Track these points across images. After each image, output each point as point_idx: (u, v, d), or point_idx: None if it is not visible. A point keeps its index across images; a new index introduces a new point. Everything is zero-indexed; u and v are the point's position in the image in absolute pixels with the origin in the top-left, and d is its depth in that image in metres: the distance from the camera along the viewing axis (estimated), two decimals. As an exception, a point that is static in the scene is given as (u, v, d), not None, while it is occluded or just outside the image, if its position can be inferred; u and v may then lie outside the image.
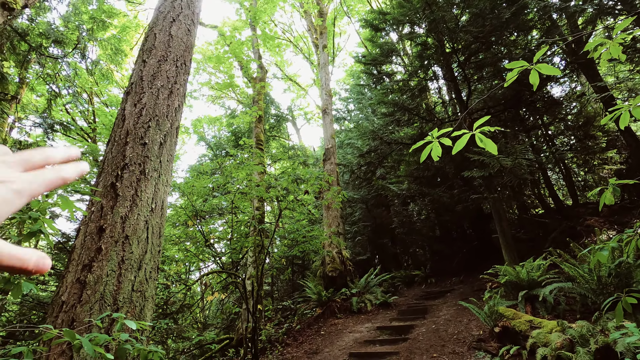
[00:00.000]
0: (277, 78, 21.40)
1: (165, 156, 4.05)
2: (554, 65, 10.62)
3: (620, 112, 2.02)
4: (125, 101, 4.14)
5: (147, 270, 3.44)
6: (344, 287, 9.74)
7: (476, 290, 8.45)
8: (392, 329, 7.07)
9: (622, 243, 1.78)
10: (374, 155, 12.19)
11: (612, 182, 1.69)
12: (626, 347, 3.16)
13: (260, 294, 7.16)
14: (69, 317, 2.85)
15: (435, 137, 1.55)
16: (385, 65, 13.65)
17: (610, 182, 1.71)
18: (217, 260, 7.68)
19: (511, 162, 7.11)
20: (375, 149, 11.92)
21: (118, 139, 3.80)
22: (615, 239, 1.83)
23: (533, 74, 1.47)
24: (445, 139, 1.55)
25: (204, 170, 12.18)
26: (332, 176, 10.58)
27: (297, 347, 7.10)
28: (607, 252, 1.66)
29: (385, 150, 11.68)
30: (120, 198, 3.43)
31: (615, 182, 1.69)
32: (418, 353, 5.47)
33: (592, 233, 7.35)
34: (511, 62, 1.55)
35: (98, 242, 3.18)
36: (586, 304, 4.95)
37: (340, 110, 19.28)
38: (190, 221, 7.46)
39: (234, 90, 18.36)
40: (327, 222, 11.14)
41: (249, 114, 11.64)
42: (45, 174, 0.36)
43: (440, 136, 1.54)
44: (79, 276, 3.01)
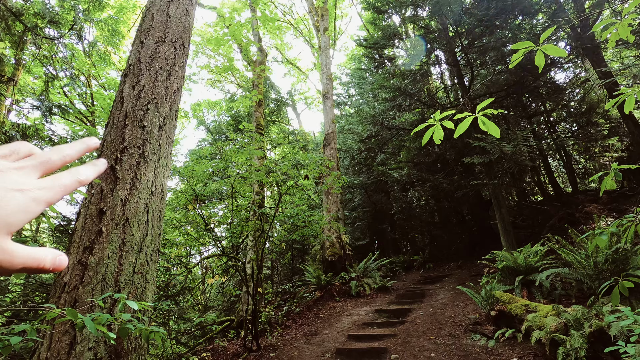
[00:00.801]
0: (277, 62, 21.10)
1: (165, 139, 4.02)
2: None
3: (626, 96, 1.99)
4: (123, 83, 4.09)
5: (148, 252, 3.46)
6: (343, 271, 9.85)
7: (474, 275, 8.56)
8: (390, 312, 7.19)
9: (622, 228, 1.79)
10: (374, 141, 12.13)
11: (615, 166, 1.68)
12: (620, 331, 3.21)
13: (260, 277, 7.25)
14: (72, 297, 2.89)
15: (437, 119, 1.53)
16: (387, 49, 13.44)
17: (612, 167, 1.70)
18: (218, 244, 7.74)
19: (512, 148, 7.08)
20: (376, 135, 11.85)
21: (116, 121, 3.77)
22: (614, 224, 1.83)
23: (539, 55, 1.43)
24: (448, 122, 1.53)
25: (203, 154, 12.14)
26: (332, 161, 10.56)
27: (297, 329, 7.23)
28: (606, 236, 1.67)
29: (386, 135, 11.62)
30: (120, 181, 3.42)
31: (618, 166, 1.68)
32: (415, 335, 5.58)
33: (590, 220, 7.38)
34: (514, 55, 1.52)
35: (99, 224, 3.19)
36: (582, 289, 5.02)
37: (341, 95, 19.08)
38: (191, 205, 7.49)
39: (234, 74, 18.12)
40: (327, 207, 11.18)
41: (248, 97, 11.52)
42: (62, 178, 0.36)
43: (443, 119, 1.52)
44: (81, 258, 3.04)
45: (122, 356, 2.90)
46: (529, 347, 4.22)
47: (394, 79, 11.21)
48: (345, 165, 15.10)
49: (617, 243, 4.70)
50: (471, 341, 4.94)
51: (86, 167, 0.39)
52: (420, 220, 14.11)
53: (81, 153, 0.40)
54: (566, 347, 3.58)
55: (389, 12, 11.86)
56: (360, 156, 13.53)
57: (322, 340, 6.25)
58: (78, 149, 0.40)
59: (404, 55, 13.75)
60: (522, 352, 4.24)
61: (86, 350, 2.71)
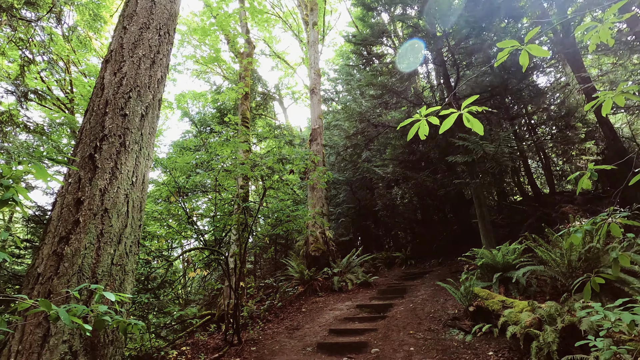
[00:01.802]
0: (264, 55, 20.86)
1: (147, 129, 3.93)
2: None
3: (603, 100, 2.06)
4: (105, 69, 3.96)
5: (127, 244, 3.38)
6: (326, 266, 9.90)
7: (454, 272, 8.74)
8: (372, 307, 7.28)
9: (595, 227, 1.85)
10: (360, 138, 12.18)
11: (591, 166, 1.75)
12: (590, 326, 3.35)
13: (243, 272, 7.21)
14: (46, 289, 2.79)
15: (423, 115, 1.54)
16: (376, 47, 13.47)
17: (588, 167, 1.76)
18: (200, 238, 7.64)
19: (494, 148, 7.24)
20: (362, 132, 11.90)
21: (97, 108, 3.65)
22: (589, 222, 1.90)
23: (523, 54, 1.46)
24: (433, 118, 1.55)
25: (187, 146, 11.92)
26: (318, 157, 10.55)
27: (279, 323, 7.23)
28: (581, 234, 1.73)
29: (372, 133, 11.68)
30: (99, 170, 3.32)
31: (594, 166, 1.75)
32: (395, 330, 5.67)
33: (566, 220, 7.64)
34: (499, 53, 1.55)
35: (75, 214, 3.09)
36: (556, 286, 5.20)
37: (329, 91, 19.05)
38: (173, 197, 7.35)
39: (220, 66, 17.81)
40: (312, 202, 11.19)
41: (235, 90, 11.36)
42: None
43: (428, 114, 1.54)
44: (56, 248, 2.94)
45: (98, 349, 2.83)
46: (504, 342, 4.35)
47: (382, 76, 11.27)
48: (331, 161, 15.12)
49: (589, 242, 4.89)
50: (449, 336, 5.06)
51: None
52: (403, 218, 14.29)
53: None
54: (539, 341, 3.71)
55: (378, 9, 11.89)
56: (346, 152, 13.57)
57: (304, 334, 6.27)
58: None
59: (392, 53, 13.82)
60: (498, 346, 4.37)
61: (60, 343, 2.63)
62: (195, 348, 5.91)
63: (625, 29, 9.03)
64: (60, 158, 2.00)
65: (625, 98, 1.97)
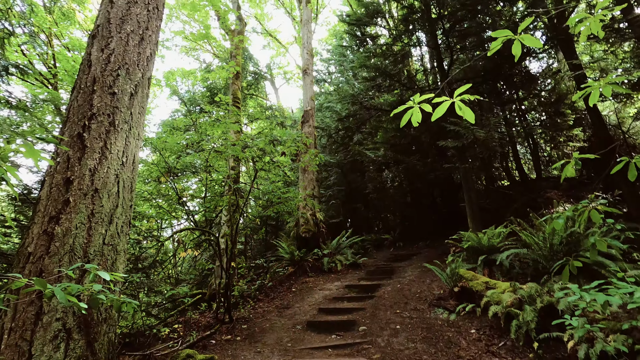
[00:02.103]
0: (256, 32, 20.34)
1: (137, 108, 3.86)
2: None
3: (592, 89, 2.10)
4: (91, 45, 3.83)
5: (118, 224, 3.38)
6: (316, 248, 10.05)
7: (440, 254, 8.97)
8: (360, 287, 7.47)
9: (577, 213, 1.94)
10: (352, 120, 12.14)
11: (576, 155, 1.81)
12: (567, 306, 3.52)
13: (234, 252, 7.28)
14: (37, 268, 2.80)
15: (416, 102, 1.56)
16: (370, 27, 13.25)
17: (573, 155, 1.82)
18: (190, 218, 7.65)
19: (484, 134, 7.32)
20: (354, 114, 11.85)
21: (84, 86, 3.56)
22: (571, 208, 1.98)
23: (516, 44, 1.48)
24: (426, 105, 1.57)
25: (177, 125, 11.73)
26: (310, 139, 10.52)
27: (269, 302, 7.39)
28: (562, 220, 1.80)
29: (364, 115, 11.65)
30: (88, 150, 3.28)
31: (578, 155, 1.81)
32: (382, 309, 5.86)
33: (550, 205, 7.86)
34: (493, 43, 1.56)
35: (65, 194, 3.07)
36: (537, 268, 5.40)
37: (321, 72, 18.78)
38: (163, 177, 7.29)
39: (210, 43, 17.33)
40: (303, 184, 11.23)
41: (225, 69, 11.12)
42: None
43: (422, 102, 1.56)
44: (46, 228, 2.93)
45: (92, 327, 2.88)
46: (486, 321, 4.54)
47: (375, 58, 11.14)
48: (323, 143, 15.09)
49: (571, 227, 5.06)
50: (434, 315, 5.26)
51: None
52: (393, 201, 14.47)
53: None
54: (519, 320, 3.89)
55: (374, -12, 11.61)
56: (337, 135, 13.54)
57: (294, 313, 6.44)
58: None
59: (386, 35, 13.63)
60: (480, 324, 4.56)
61: (54, 321, 2.66)
62: (187, 326, 6.03)
63: (619, 15, 9.04)
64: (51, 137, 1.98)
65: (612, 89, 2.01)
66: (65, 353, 2.65)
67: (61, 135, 3.35)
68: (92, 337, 2.88)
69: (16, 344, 2.54)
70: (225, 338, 5.36)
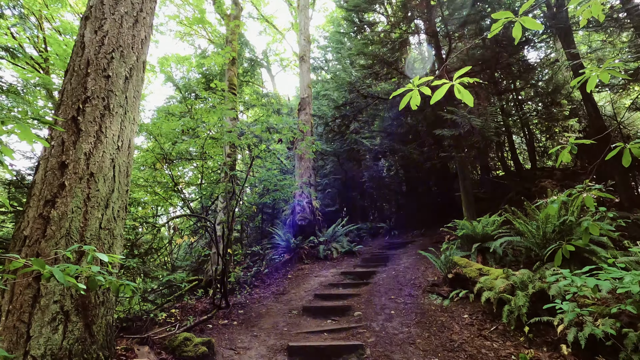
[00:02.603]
0: (252, 18, 19.98)
1: (132, 92, 3.80)
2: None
3: (589, 76, 2.11)
4: (84, 27, 3.75)
5: (115, 209, 3.37)
6: (312, 235, 10.11)
7: (435, 242, 9.08)
8: (355, 274, 7.56)
9: (571, 198, 1.96)
10: (349, 109, 12.08)
11: (572, 140, 1.82)
12: (558, 291, 3.59)
13: (230, 239, 7.30)
14: (33, 251, 2.80)
15: (415, 85, 1.56)
16: (368, 14, 13.06)
17: (570, 141, 1.84)
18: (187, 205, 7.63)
19: (481, 123, 7.33)
20: (351, 102, 11.78)
21: (77, 69, 3.50)
22: (565, 193, 2.01)
23: (517, 26, 1.47)
24: (425, 88, 1.57)
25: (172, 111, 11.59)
26: (306, 126, 10.47)
27: (265, 288, 7.46)
28: (557, 205, 1.83)
29: (361, 104, 11.58)
30: (83, 133, 3.24)
31: (575, 141, 1.82)
32: (377, 295, 5.94)
33: (544, 194, 7.94)
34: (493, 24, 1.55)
35: (60, 177, 3.04)
36: (530, 256, 5.49)
37: (318, 59, 18.57)
38: (159, 164, 7.25)
39: (205, 28, 17.00)
40: (299, 172, 11.22)
41: (221, 54, 10.95)
42: None
43: (421, 85, 1.56)
44: (42, 212, 2.91)
45: (90, 309, 2.90)
46: (478, 306, 4.63)
47: (373, 45, 11.02)
48: (319, 131, 15.03)
49: (564, 215, 5.13)
50: (428, 300, 5.35)
51: None
52: (388, 190, 14.54)
53: None
54: (511, 305, 3.97)
55: (372, -27, 11.41)
56: (334, 123, 13.47)
57: (290, 299, 6.51)
58: None
59: (384, 22, 13.45)
60: (473, 310, 4.65)
61: (51, 303, 2.67)
62: (184, 311, 6.08)
63: (618, 5, 9.00)
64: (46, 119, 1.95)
65: (610, 75, 2.02)
66: (63, 335, 2.67)
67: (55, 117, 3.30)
68: (90, 319, 2.90)
69: (14, 326, 2.55)
70: (222, 322, 5.42)
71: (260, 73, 20.19)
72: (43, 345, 2.55)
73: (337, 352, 4.05)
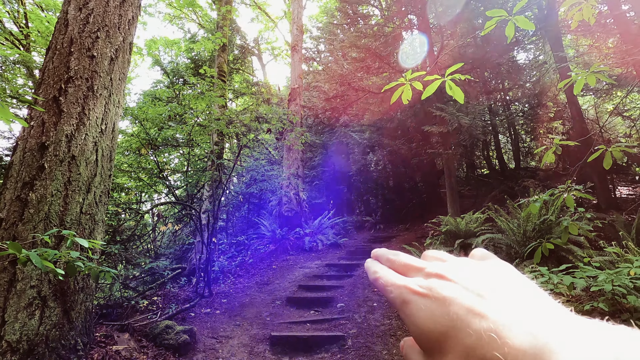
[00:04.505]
0: (244, 4, 19.59)
1: (117, 74, 3.69)
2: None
3: (576, 78, 2.15)
4: (68, 3, 3.60)
5: (97, 193, 3.29)
6: (298, 227, 10.12)
7: (419, 237, 9.21)
8: (340, 266, 7.62)
9: (553, 198, 2.01)
10: (339, 101, 12.04)
11: (557, 141, 1.86)
12: (535, 288, 3.70)
13: (216, 228, 7.25)
14: (10, 234, 2.71)
15: (408, 79, 1.55)
16: (362, 6, 12.98)
17: (554, 141, 1.88)
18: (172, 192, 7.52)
19: (469, 121, 7.42)
20: (342, 95, 11.74)
21: (60, 47, 3.36)
22: (548, 193, 2.06)
23: (510, 25, 1.48)
24: (417, 83, 1.57)
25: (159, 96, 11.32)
26: (296, 117, 10.40)
27: (249, 278, 7.45)
28: (539, 203, 1.87)
29: (352, 97, 11.56)
30: (64, 115, 3.13)
31: (559, 142, 1.86)
32: (361, 287, 6.01)
33: (526, 193, 8.13)
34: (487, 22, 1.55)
35: (40, 159, 2.94)
36: (510, 253, 5.63)
37: (310, 50, 18.38)
38: (144, 149, 7.09)
39: (196, 12, 16.60)
40: (287, 163, 11.17)
41: (212, 40, 10.73)
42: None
43: (413, 79, 1.55)
44: (20, 194, 2.82)
45: (69, 295, 2.84)
46: (458, 300, 4.74)
47: (366, 39, 10.96)
48: (309, 123, 14.96)
49: (544, 215, 5.27)
50: (410, 294, 5.44)
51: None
52: (375, 184, 14.64)
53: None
54: (490, 300, 4.07)
55: (368, -35, 11.31)
56: (324, 115, 13.43)
57: (274, 289, 6.53)
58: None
59: (378, 15, 13.39)
60: (453, 304, 4.76)
61: (28, 288, 2.61)
62: (166, 299, 6.02)
63: (606, 10, 9.17)
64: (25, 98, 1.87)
65: (596, 79, 2.06)
66: (40, 320, 2.61)
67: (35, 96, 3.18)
68: (69, 305, 2.84)
69: (-12, 310, 2.48)
70: (204, 311, 5.40)
71: (251, 61, 19.87)
72: (18, 330, 2.49)
73: (319, 342, 4.10)
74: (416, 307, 0.28)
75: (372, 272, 0.36)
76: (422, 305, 0.28)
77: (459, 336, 0.25)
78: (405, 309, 0.29)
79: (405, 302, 0.29)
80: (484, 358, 0.23)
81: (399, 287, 0.32)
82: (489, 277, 0.29)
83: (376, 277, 0.35)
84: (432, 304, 0.27)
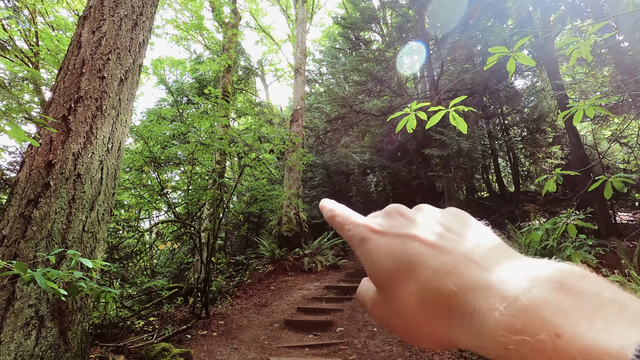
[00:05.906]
0: (250, 27, 20.18)
1: (126, 94, 3.77)
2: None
3: (575, 110, 2.21)
4: (82, 26, 3.72)
5: (100, 212, 3.30)
6: (297, 247, 10.04)
7: (419, 259, 9.12)
8: (339, 288, 7.51)
9: (555, 226, 2.03)
10: (341, 123, 12.22)
11: (557, 171, 1.90)
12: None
13: (215, 247, 7.20)
14: (11, 252, 2.70)
15: (413, 110, 1.61)
16: (364, 32, 13.38)
17: (555, 171, 1.91)
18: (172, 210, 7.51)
19: (469, 145, 7.51)
20: (343, 117, 11.93)
21: (72, 67, 3.46)
22: (550, 221, 2.07)
23: (511, 61, 1.55)
24: (422, 113, 1.62)
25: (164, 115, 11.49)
26: (298, 138, 10.52)
27: (247, 299, 7.34)
28: (541, 232, 1.89)
29: (353, 119, 11.74)
30: (72, 133, 3.18)
31: (560, 171, 1.90)
32: (360, 311, 5.91)
33: (527, 218, 8.13)
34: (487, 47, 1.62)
35: (46, 177, 2.97)
36: (511, 278, 5.58)
37: (312, 72, 18.80)
38: (147, 167, 7.13)
39: (202, 34, 17.06)
40: (288, 183, 11.21)
41: (217, 61, 10.99)
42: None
43: (418, 110, 1.60)
44: (23, 211, 2.83)
45: (66, 315, 2.80)
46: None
47: (367, 63, 11.25)
48: (310, 143, 15.11)
49: (545, 240, 5.27)
50: (411, 319, 5.35)
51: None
52: (375, 205, 14.61)
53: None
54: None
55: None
56: (325, 136, 13.59)
57: (272, 311, 6.42)
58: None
59: (379, 41, 13.78)
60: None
61: (26, 307, 2.58)
62: (162, 319, 5.91)
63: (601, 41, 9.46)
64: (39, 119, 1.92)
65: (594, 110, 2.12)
66: (36, 341, 2.57)
67: (45, 115, 3.24)
68: (66, 325, 2.80)
69: (-16, 330, 2.44)
70: (201, 333, 5.29)
71: (254, 82, 20.28)
72: (13, 351, 2.44)
73: (317, 368, 4.00)
74: (375, 244, 0.28)
75: (329, 210, 0.36)
76: (381, 242, 0.28)
77: (415, 270, 0.25)
78: (362, 246, 0.30)
79: (364, 240, 0.30)
80: (438, 289, 0.24)
81: (357, 225, 0.32)
82: (448, 219, 0.30)
83: (333, 214, 0.35)
84: (392, 240, 0.28)
